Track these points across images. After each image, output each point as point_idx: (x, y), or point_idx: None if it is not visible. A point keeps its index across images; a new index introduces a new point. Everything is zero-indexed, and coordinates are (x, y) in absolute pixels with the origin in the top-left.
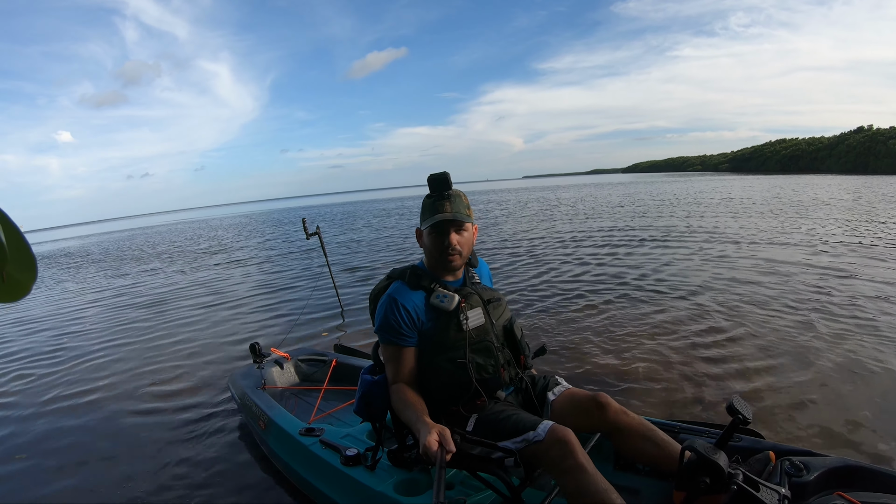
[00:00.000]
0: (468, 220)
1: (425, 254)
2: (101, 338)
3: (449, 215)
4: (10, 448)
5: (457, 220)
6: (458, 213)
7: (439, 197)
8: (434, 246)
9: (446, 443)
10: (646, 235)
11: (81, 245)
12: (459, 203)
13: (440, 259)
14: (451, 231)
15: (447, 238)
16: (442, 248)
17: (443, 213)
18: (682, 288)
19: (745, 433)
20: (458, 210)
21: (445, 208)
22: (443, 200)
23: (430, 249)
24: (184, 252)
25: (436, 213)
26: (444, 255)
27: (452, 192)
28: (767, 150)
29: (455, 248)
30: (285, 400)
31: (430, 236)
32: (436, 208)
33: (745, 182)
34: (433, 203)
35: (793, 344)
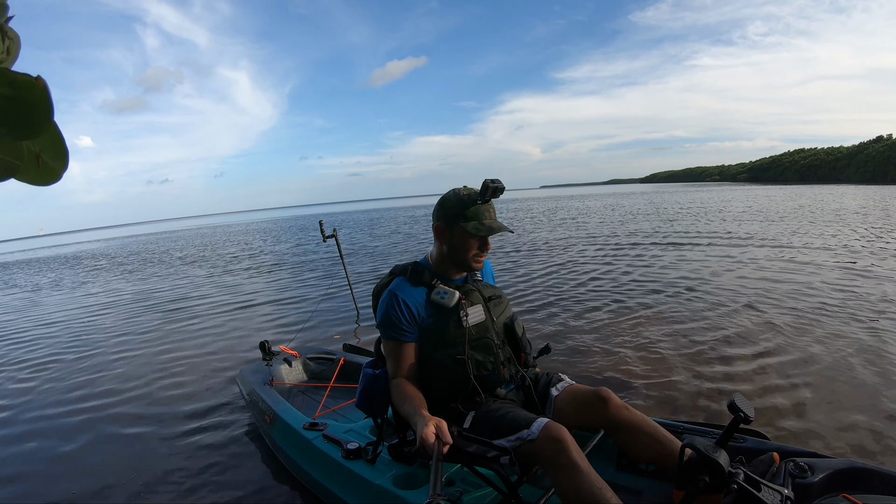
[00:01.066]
0: (513, 231)
1: (445, 251)
2: (118, 334)
3: (502, 226)
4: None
5: (502, 230)
6: (500, 224)
7: (486, 203)
8: (469, 249)
9: (443, 435)
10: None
11: (104, 247)
12: (495, 212)
13: (467, 262)
14: (489, 240)
15: (487, 246)
16: (475, 252)
17: (493, 222)
18: (718, 295)
19: (748, 434)
20: (498, 220)
21: (492, 215)
22: (489, 207)
23: (457, 250)
24: (204, 256)
25: (484, 219)
26: (476, 259)
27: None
28: (786, 160)
29: (486, 253)
30: (293, 397)
31: (470, 240)
32: (484, 215)
33: (767, 192)
34: (480, 209)
35: (813, 349)
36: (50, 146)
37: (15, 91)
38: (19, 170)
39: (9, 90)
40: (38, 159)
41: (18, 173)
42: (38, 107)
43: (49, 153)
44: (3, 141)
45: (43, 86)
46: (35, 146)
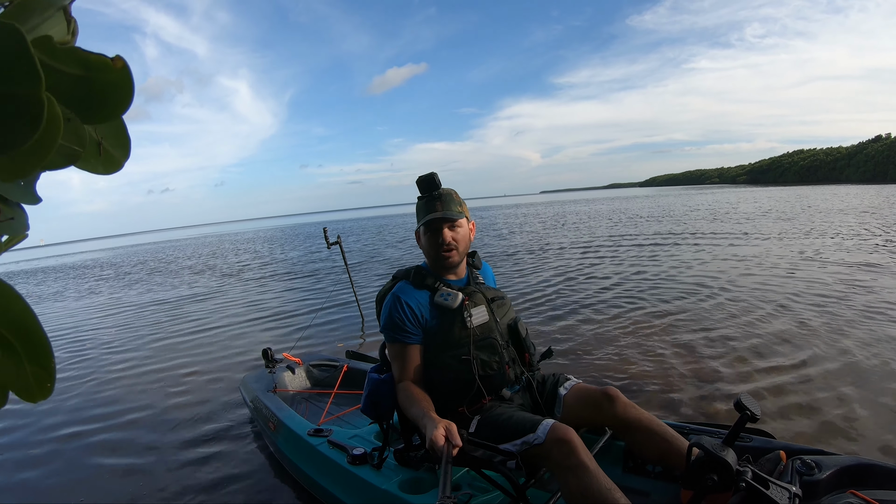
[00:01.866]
0: (460, 217)
1: (425, 254)
2: (121, 342)
3: (439, 213)
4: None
5: (447, 217)
6: (449, 211)
7: (430, 197)
8: (430, 244)
9: (453, 437)
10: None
11: (106, 257)
12: (450, 201)
13: (437, 256)
14: (445, 228)
15: (441, 235)
16: (437, 245)
17: (434, 212)
18: (725, 294)
19: (755, 434)
20: (448, 208)
21: (437, 207)
22: (433, 200)
23: (427, 248)
24: (209, 264)
25: (428, 212)
26: (440, 251)
27: (443, 192)
28: (785, 161)
29: (450, 243)
30: (296, 404)
31: (426, 235)
32: (427, 208)
33: (767, 193)
34: (425, 203)
35: (817, 346)
36: (113, 134)
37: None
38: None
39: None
40: (99, 147)
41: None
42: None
43: (111, 141)
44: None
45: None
46: (97, 133)
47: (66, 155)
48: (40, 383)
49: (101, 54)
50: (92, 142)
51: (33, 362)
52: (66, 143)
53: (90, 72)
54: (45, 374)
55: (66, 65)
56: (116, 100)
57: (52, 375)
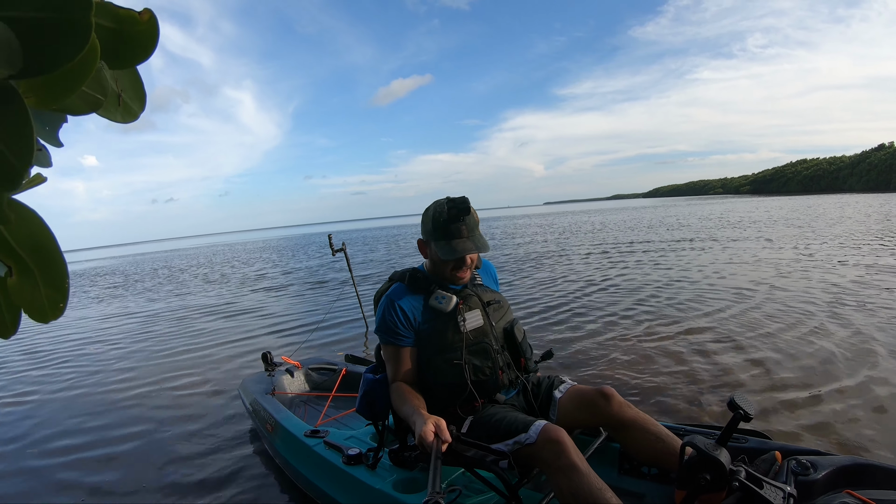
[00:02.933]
0: (485, 250)
1: (431, 264)
2: (124, 347)
3: (470, 247)
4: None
5: (476, 249)
6: (478, 240)
7: (458, 221)
8: (446, 266)
9: (442, 433)
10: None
11: (112, 265)
12: (475, 226)
13: (449, 277)
14: (468, 258)
15: (464, 264)
16: (451, 269)
17: (463, 243)
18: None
19: (750, 435)
20: (473, 234)
21: (463, 233)
22: (461, 225)
23: (439, 267)
24: (213, 272)
25: (454, 237)
26: (455, 277)
27: (471, 217)
28: (788, 171)
29: (466, 268)
30: (295, 406)
31: (446, 258)
32: (453, 233)
33: (775, 203)
34: (451, 228)
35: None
36: (131, 87)
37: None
38: (102, 105)
39: (113, 23)
40: (119, 98)
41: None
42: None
43: (129, 93)
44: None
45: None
46: (118, 85)
47: (91, 102)
48: (53, 304)
49: (129, 9)
50: (113, 93)
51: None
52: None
53: (120, 24)
54: (59, 296)
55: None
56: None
57: (66, 296)
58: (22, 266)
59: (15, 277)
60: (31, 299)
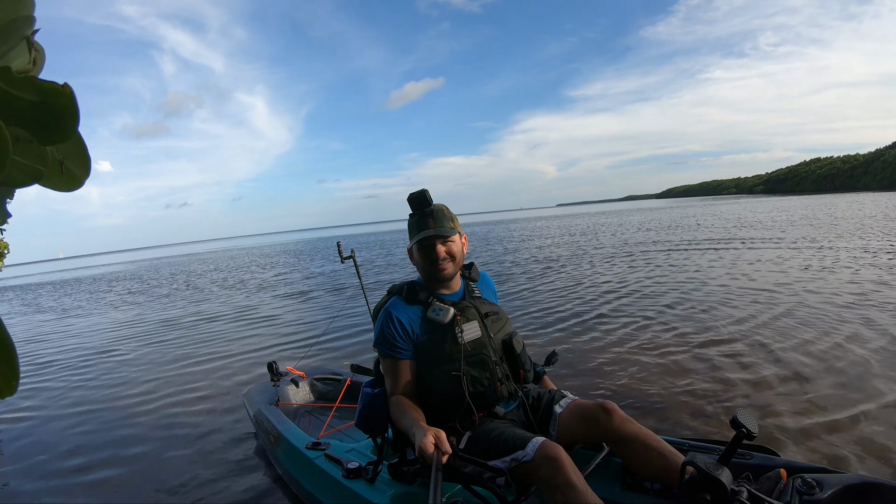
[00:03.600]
0: (452, 233)
1: (419, 271)
2: (130, 353)
3: (432, 231)
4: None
5: (440, 233)
6: (441, 227)
7: (421, 214)
8: (423, 260)
9: (442, 445)
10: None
11: (127, 270)
12: (442, 217)
13: (431, 271)
14: (437, 244)
15: (434, 251)
16: (431, 260)
17: (426, 230)
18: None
19: (756, 450)
20: (441, 224)
21: (429, 224)
22: (425, 217)
23: (421, 265)
24: (225, 277)
25: (420, 229)
26: (435, 266)
27: (434, 208)
28: (802, 170)
29: (444, 258)
30: (299, 417)
31: (420, 252)
32: (420, 225)
33: (791, 203)
34: (417, 221)
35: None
36: (73, 153)
37: (42, 97)
38: (43, 175)
39: (36, 97)
40: (61, 166)
41: (42, 179)
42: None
43: (72, 160)
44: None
45: (69, 92)
46: (59, 153)
47: (31, 174)
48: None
49: (53, 82)
50: (54, 161)
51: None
52: (30, 164)
53: (44, 97)
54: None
55: (24, 91)
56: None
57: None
58: None
59: None
60: None
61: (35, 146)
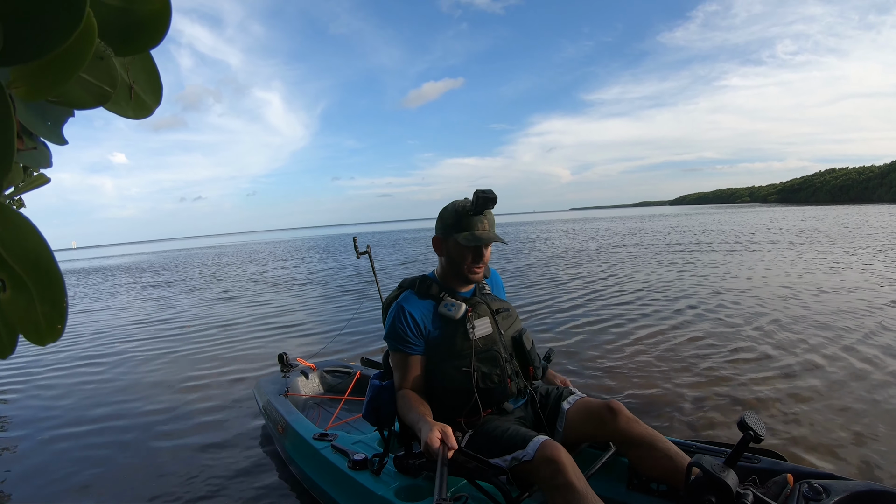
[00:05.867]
0: (507, 242)
1: (445, 263)
2: (145, 342)
3: (493, 236)
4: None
5: (495, 239)
6: (496, 233)
7: (481, 214)
8: (464, 259)
9: (448, 440)
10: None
11: (143, 261)
12: (493, 221)
13: (467, 271)
14: (486, 249)
15: (482, 256)
16: (471, 262)
17: (486, 232)
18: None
19: (764, 455)
20: (494, 229)
21: (486, 226)
22: (483, 218)
23: (455, 261)
24: (243, 270)
25: (476, 229)
26: (472, 270)
27: (490, 211)
28: (817, 180)
29: (485, 262)
30: (308, 408)
31: (465, 249)
32: (475, 224)
33: (808, 213)
34: (473, 219)
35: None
36: (144, 77)
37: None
38: (110, 98)
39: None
40: (130, 90)
41: (109, 102)
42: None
43: (143, 85)
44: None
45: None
46: (129, 76)
47: (97, 94)
48: (51, 324)
49: None
50: (123, 84)
51: (46, 302)
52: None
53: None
54: (57, 315)
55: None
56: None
57: (64, 316)
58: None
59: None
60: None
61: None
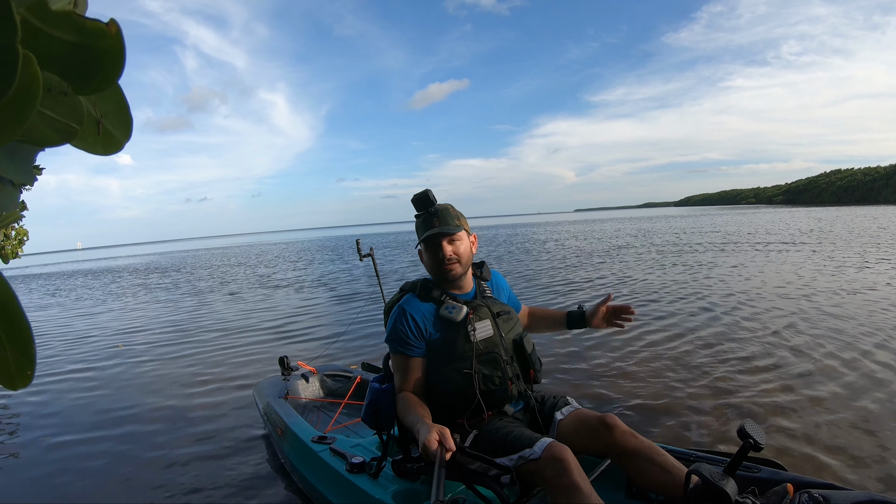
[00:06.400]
0: (458, 230)
1: (428, 271)
2: (148, 344)
3: (437, 229)
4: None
5: (445, 231)
6: (447, 226)
7: (427, 214)
8: (431, 260)
9: (446, 441)
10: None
11: (148, 262)
12: (448, 216)
13: (440, 271)
14: (444, 242)
15: (441, 250)
16: (437, 260)
17: (431, 228)
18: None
19: (763, 464)
20: (446, 223)
21: (434, 223)
22: (431, 217)
23: (429, 264)
24: (245, 273)
25: (426, 228)
26: (442, 266)
27: (439, 207)
28: (822, 181)
29: (451, 257)
30: (307, 412)
31: (427, 252)
32: (426, 225)
33: (816, 214)
34: (423, 221)
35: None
36: (113, 111)
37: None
38: (77, 134)
39: (77, 37)
40: (98, 125)
41: (76, 139)
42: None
43: (111, 119)
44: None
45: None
46: (97, 111)
47: (63, 131)
48: (21, 370)
49: (96, 20)
50: (91, 119)
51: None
52: (62, 119)
53: (85, 38)
54: (26, 361)
55: (62, 31)
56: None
57: (33, 363)
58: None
59: None
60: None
61: (69, 99)
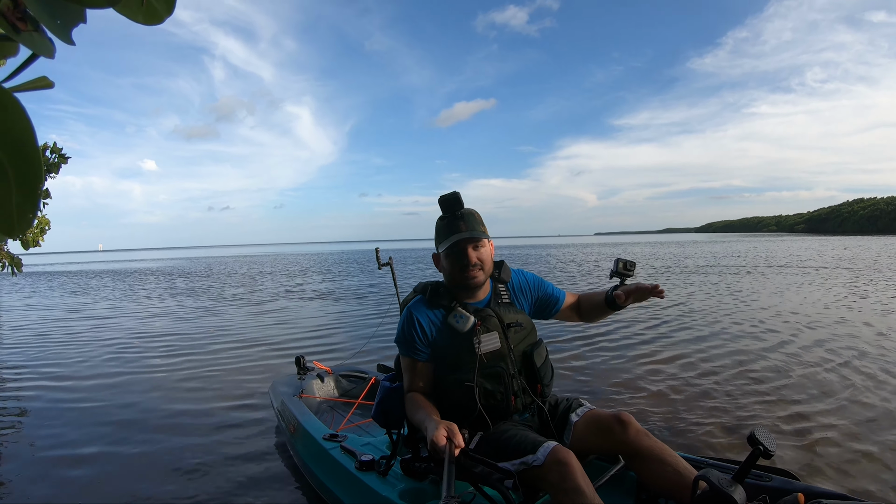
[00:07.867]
0: (483, 236)
1: (445, 277)
2: (169, 345)
3: (466, 233)
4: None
5: (474, 237)
6: (474, 231)
7: (452, 217)
8: (453, 265)
9: (455, 437)
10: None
11: (172, 266)
12: (474, 221)
13: (461, 278)
14: (469, 248)
15: (466, 256)
16: (461, 266)
17: (458, 233)
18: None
19: (775, 473)
20: (472, 227)
21: (461, 227)
22: (457, 220)
23: (449, 270)
24: (269, 281)
25: (451, 233)
26: (465, 273)
27: (465, 211)
28: (845, 210)
29: (475, 263)
30: (321, 411)
31: (449, 257)
32: (451, 228)
33: (840, 243)
34: (447, 224)
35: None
36: None
37: None
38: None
39: None
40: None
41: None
42: None
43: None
44: None
45: None
46: None
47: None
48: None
49: None
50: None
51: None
52: None
53: None
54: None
55: None
56: None
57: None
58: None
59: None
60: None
61: None
